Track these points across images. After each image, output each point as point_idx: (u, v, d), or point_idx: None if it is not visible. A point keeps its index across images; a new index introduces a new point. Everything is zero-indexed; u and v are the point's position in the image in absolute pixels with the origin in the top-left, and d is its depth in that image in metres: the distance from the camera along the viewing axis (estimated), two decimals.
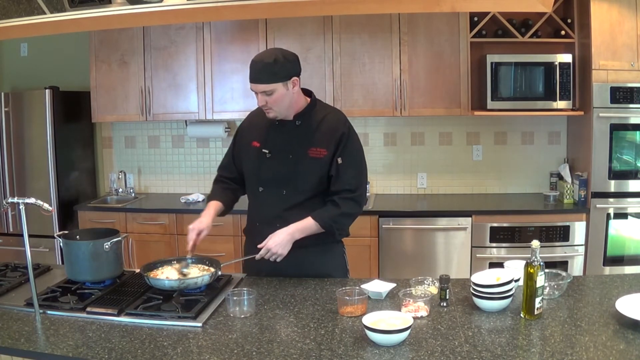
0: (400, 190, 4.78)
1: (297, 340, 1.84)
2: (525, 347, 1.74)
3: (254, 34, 4.39)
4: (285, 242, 2.33)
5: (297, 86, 2.36)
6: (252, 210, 2.54)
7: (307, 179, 2.40)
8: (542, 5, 2.29)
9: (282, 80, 2.28)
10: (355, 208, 2.44)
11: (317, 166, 2.39)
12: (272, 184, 2.43)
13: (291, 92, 2.33)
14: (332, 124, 2.43)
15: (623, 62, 3.92)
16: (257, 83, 2.29)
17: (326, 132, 2.41)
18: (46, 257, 4.35)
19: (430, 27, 4.27)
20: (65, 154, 4.59)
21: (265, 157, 2.43)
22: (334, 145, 2.39)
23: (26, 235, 2.02)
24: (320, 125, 2.42)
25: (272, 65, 2.26)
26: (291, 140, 2.41)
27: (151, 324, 1.98)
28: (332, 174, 2.39)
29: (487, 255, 4.08)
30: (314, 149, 2.39)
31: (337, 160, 2.38)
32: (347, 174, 2.40)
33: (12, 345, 1.82)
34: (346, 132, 2.41)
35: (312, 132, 2.41)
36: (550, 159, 4.60)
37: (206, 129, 4.76)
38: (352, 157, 2.42)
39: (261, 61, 2.28)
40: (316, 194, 2.42)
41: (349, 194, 2.40)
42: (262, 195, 2.46)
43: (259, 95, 2.32)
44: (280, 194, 2.42)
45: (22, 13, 2.47)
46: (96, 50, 4.58)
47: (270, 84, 2.27)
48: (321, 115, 2.45)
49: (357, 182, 2.43)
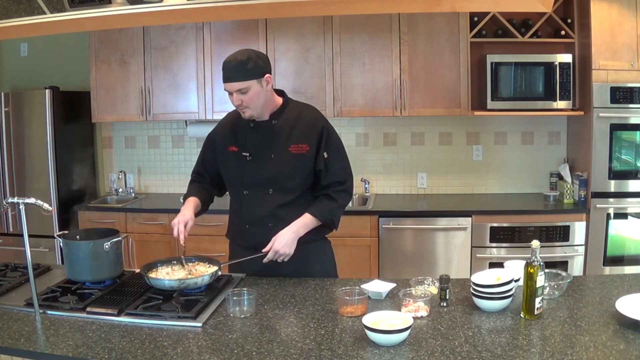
0: (400, 190, 4.78)
1: (297, 340, 1.84)
2: (525, 347, 1.74)
3: (254, 34, 4.39)
4: (291, 241, 2.34)
5: (270, 84, 2.38)
6: (239, 213, 2.52)
7: (292, 176, 2.42)
8: (542, 5, 2.29)
9: (256, 77, 2.30)
10: (348, 198, 2.51)
11: (300, 162, 2.41)
12: (257, 186, 2.43)
13: (265, 90, 2.36)
14: (310, 119, 2.46)
15: (623, 62, 3.92)
16: (231, 82, 2.30)
17: (305, 127, 2.43)
18: (46, 257, 4.35)
19: (430, 27, 4.27)
20: (65, 154, 4.59)
21: (246, 160, 2.44)
22: (316, 140, 2.42)
23: (26, 235, 2.02)
24: (297, 121, 2.45)
25: (246, 63, 2.28)
26: (270, 140, 2.43)
27: (151, 324, 1.98)
28: (320, 168, 2.42)
29: (487, 255, 4.08)
30: (294, 146, 2.41)
31: (323, 155, 2.42)
32: (335, 167, 2.45)
33: (12, 345, 1.82)
34: (325, 126, 2.46)
35: (290, 129, 2.43)
36: (550, 159, 4.60)
37: (206, 129, 4.67)
38: (335, 149, 2.47)
39: (234, 59, 2.30)
40: (304, 190, 2.45)
41: (340, 186, 2.46)
42: (247, 198, 2.46)
43: (233, 95, 2.33)
44: (266, 194, 2.42)
45: (22, 13, 2.47)
46: (96, 50, 4.58)
47: (245, 81, 2.29)
48: (296, 111, 2.48)
49: (345, 173, 2.49)
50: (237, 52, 2.36)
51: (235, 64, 2.29)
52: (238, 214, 2.52)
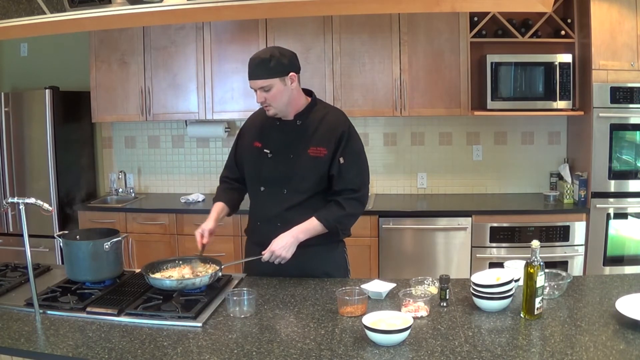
0: (400, 190, 4.78)
1: (297, 340, 1.84)
2: (525, 347, 1.74)
3: (254, 34, 4.39)
4: (289, 244, 2.33)
5: (295, 82, 2.36)
6: (254, 210, 2.55)
7: (306, 178, 2.40)
8: (542, 5, 2.29)
9: (279, 75, 2.30)
10: (359, 208, 2.45)
11: (316, 165, 2.39)
12: (273, 184, 2.44)
13: (289, 88, 2.35)
14: (332, 123, 2.43)
15: (623, 62, 3.92)
16: (254, 79, 2.32)
17: (326, 131, 2.41)
18: (46, 257, 4.35)
19: (430, 27, 4.27)
20: (65, 154, 4.59)
21: (267, 157, 2.44)
22: (334, 144, 2.39)
23: (26, 235, 2.02)
24: (320, 124, 2.43)
25: (268, 61, 2.29)
26: (292, 140, 2.42)
27: (151, 324, 1.98)
28: (333, 173, 2.39)
29: (487, 255, 4.08)
30: (314, 148, 2.39)
31: (339, 160, 2.38)
32: (350, 174, 2.40)
33: (12, 345, 1.82)
34: (346, 131, 2.41)
35: (313, 131, 2.41)
36: (550, 159, 4.60)
37: (206, 129, 4.76)
38: (354, 156, 2.42)
39: (258, 57, 2.32)
40: (316, 193, 2.43)
41: (352, 194, 2.41)
42: (263, 195, 2.47)
43: (257, 92, 2.34)
44: (281, 193, 2.42)
45: (22, 13, 2.47)
46: (96, 50, 4.58)
47: (267, 79, 2.29)
48: (321, 114, 2.46)
49: (360, 181, 2.44)
50: (263, 49, 2.38)
51: (258, 62, 2.30)
52: (253, 210, 2.55)
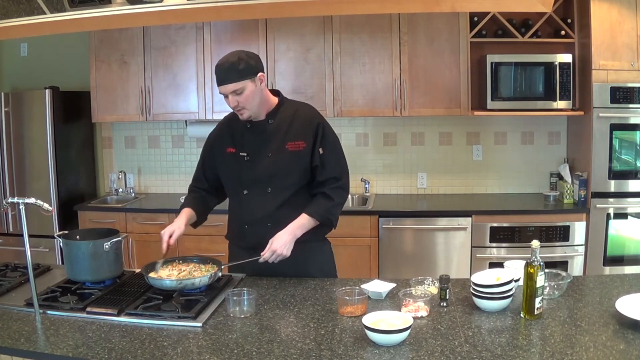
0: (400, 190, 4.78)
1: (297, 340, 1.84)
2: (525, 347, 1.74)
3: (254, 34, 4.39)
4: (288, 242, 2.35)
5: (264, 82, 2.39)
6: (238, 214, 2.53)
7: (290, 174, 2.43)
8: (542, 5, 2.29)
9: (250, 76, 2.31)
10: (345, 195, 2.51)
11: (297, 159, 2.42)
12: (256, 185, 2.44)
13: (260, 89, 2.37)
14: (306, 116, 2.48)
15: (623, 62, 3.92)
16: (226, 84, 2.31)
17: (301, 124, 2.45)
18: (46, 257, 4.35)
19: (430, 27, 4.27)
20: (65, 154, 4.59)
21: (244, 160, 2.45)
22: (312, 136, 2.43)
23: (26, 235, 2.02)
24: (293, 119, 2.46)
25: (238, 64, 2.29)
26: (267, 139, 2.44)
27: (151, 324, 1.98)
28: (315, 164, 2.43)
29: (487, 255, 4.08)
30: (291, 143, 2.42)
31: (319, 151, 2.42)
32: (331, 163, 2.46)
33: (12, 345, 1.82)
34: (321, 123, 2.47)
35: (287, 127, 2.45)
36: (550, 159, 4.60)
37: (206, 129, 4.66)
38: (331, 145, 2.48)
39: (226, 62, 2.32)
40: (301, 187, 2.46)
41: (336, 182, 2.46)
42: (247, 198, 2.47)
43: (229, 97, 2.34)
44: (265, 193, 2.43)
45: (22, 13, 2.47)
46: (96, 50, 4.58)
47: (239, 81, 2.30)
48: (292, 110, 2.49)
49: (340, 169, 2.50)
50: (227, 54, 2.37)
51: (227, 66, 2.30)
52: (237, 215, 2.53)
